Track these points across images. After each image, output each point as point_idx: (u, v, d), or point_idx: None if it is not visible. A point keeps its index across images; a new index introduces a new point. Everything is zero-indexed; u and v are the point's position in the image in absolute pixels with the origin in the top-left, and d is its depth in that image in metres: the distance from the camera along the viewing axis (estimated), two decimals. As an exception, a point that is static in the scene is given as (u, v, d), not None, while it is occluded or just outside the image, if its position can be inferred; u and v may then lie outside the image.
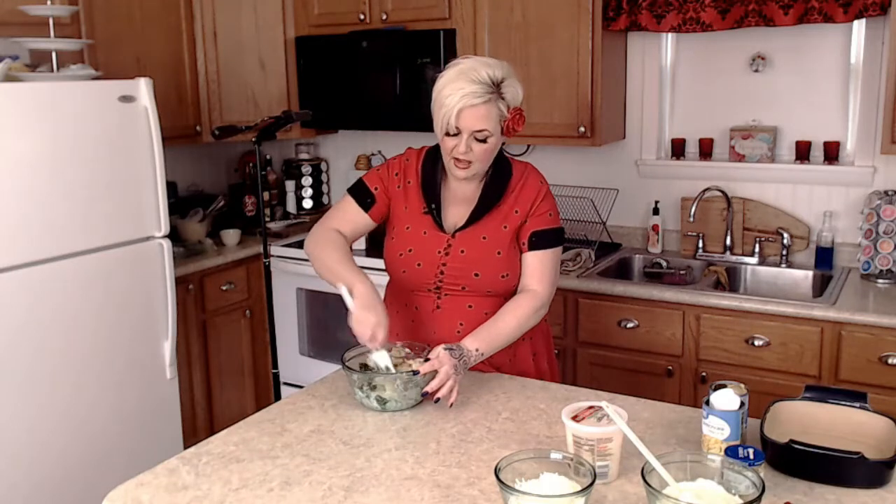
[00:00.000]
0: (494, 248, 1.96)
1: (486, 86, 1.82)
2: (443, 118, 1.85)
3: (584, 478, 1.29)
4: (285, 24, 3.74)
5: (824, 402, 1.58)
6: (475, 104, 1.81)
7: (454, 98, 1.81)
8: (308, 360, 3.69)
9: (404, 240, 2.01)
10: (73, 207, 2.68)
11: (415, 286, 2.01)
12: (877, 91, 2.95)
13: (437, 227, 1.99)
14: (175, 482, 1.47)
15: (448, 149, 1.89)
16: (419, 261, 1.98)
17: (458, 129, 1.84)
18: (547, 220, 1.99)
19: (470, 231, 1.97)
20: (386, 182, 2.06)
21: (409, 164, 2.05)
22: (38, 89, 2.59)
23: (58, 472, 2.68)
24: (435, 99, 1.87)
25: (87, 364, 2.75)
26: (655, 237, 3.36)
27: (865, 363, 2.55)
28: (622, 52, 3.37)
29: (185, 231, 3.63)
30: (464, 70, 1.83)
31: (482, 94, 1.82)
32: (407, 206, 2.03)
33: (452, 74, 1.84)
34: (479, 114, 1.83)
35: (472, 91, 1.81)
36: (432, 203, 1.99)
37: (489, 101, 1.83)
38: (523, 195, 1.98)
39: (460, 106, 1.81)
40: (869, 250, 2.92)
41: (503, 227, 1.97)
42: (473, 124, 1.84)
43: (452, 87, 1.82)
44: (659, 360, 2.88)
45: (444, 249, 1.97)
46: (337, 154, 4.26)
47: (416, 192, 2.02)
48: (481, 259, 1.95)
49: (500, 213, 1.97)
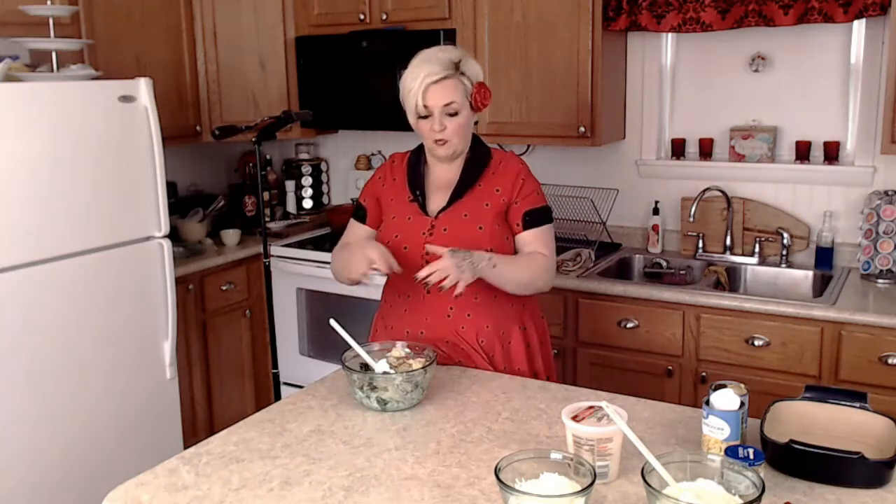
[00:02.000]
0: (476, 224, 2.04)
1: (444, 65, 1.98)
2: (411, 102, 2.00)
3: (584, 478, 1.29)
4: (285, 24, 3.74)
5: (824, 402, 1.58)
6: (437, 79, 1.97)
7: (418, 80, 1.97)
8: (308, 360, 3.69)
9: (391, 227, 2.12)
10: (73, 207, 2.68)
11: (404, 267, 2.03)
12: (877, 91, 2.95)
13: (421, 212, 2.09)
14: (175, 482, 1.48)
15: (425, 132, 2.03)
16: (405, 244, 2.06)
17: (427, 109, 1.99)
18: (535, 198, 2.09)
19: (451, 210, 2.07)
20: (372, 188, 2.20)
21: (394, 165, 2.20)
22: (38, 89, 2.59)
23: (58, 472, 2.68)
24: (402, 90, 2.04)
25: (86, 364, 2.75)
26: (655, 237, 3.36)
27: (865, 363, 2.55)
28: (622, 52, 3.37)
29: (185, 231, 3.63)
30: (421, 59, 2.01)
31: (442, 71, 1.97)
32: (393, 197, 2.14)
33: (412, 65, 2.01)
34: (444, 88, 1.98)
35: (432, 70, 1.97)
36: (416, 191, 2.11)
37: (450, 77, 1.98)
38: (504, 176, 2.08)
39: (425, 84, 1.96)
40: (869, 250, 2.92)
41: (485, 204, 2.06)
42: (441, 99, 1.98)
43: (414, 73, 1.99)
44: (659, 360, 2.88)
45: (428, 231, 2.06)
46: (337, 154, 4.26)
47: (402, 184, 2.15)
48: (463, 233, 2.03)
49: (480, 192, 2.07)
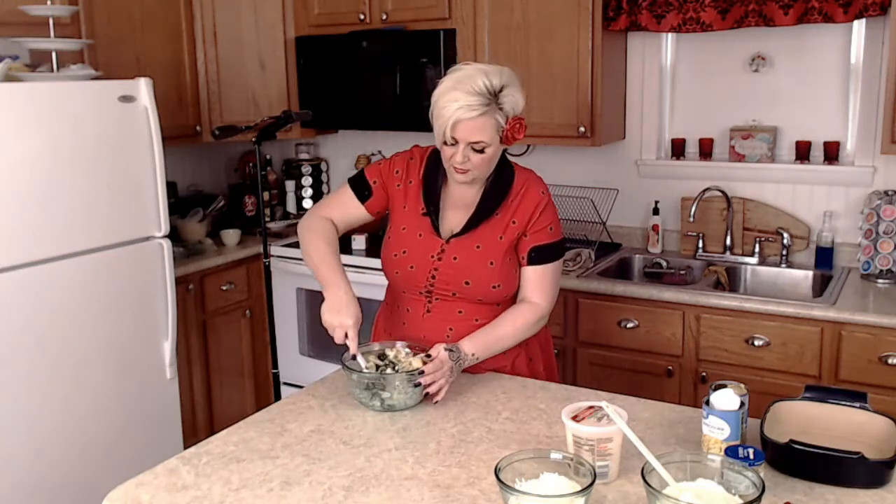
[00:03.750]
0: (487, 259, 1.93)
1: (482, 97, 1.77)
2: (440, 128, 1.83)
3: (584, 478, 1.29)
4: (285, 24, 3.74)
5: (824, 402, 1.58)
6: (471, 117, 1.77)
7: (450, 109, 1.77)
8: (308, 360, 3.69)
9: (400, 240, 2.00)
10: (73, 207, 2.68)
11: (407, 288, 2.01)
12: (877, 91, 2.95)
13: (433, 230, 1.97)
14: (175, 482, 1.47)
15: (447, 157, 1.87)
16: (412, 263, 1.97)
17: (454, 140, 1.82)
18: (547, 234, 1.96)
19: (465, 239, 1.95)
20: (385, 177, 2.04)
21: (412, 163, 2.03)
22: (38, 89, 2.59)
23: (58, 472, 2.68)
24: (433, 107, 1.84)
25: (86, 364, 2.75)
26: (655, 237, 3.36)
27: (865, 363, 2.55)
28: (622, 53, 3.37)
29: (185, 231, 3.63)
30: (460, 79, 1.79)
31: (478, 107, 1.77)
32: (406, 205, 2.01)
33: (449, 83, 1.80)
34: (475, 126, 1.79)
35: (467, 104, 1.76)
36: (431, 206, 1.98)
37: (485, 113, 1.78)
38: (522, 206, 1.95)
39: (455, 118, 1.77)
40: (869, 250, 2.92)
41: (499, 237, 1.94)
42: (469, 136, 1.80)
43: (448, 98, 1.78)
44: (659, 360, 2.88)
45: (437, 255, 1.96)
46: (337, 154, 4.26)
47: (417, 193, 2.00)
48: (473, 268, 1.93)
49: (497, 223, 1.94)
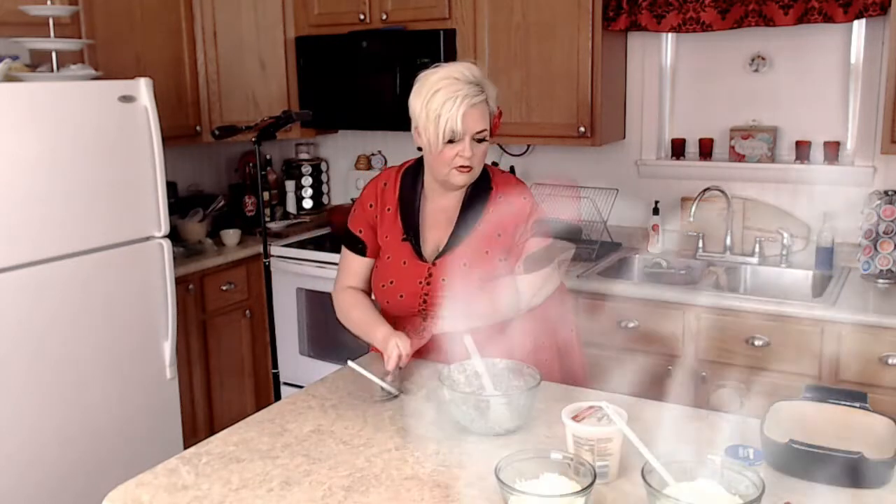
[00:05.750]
0: (476, 276, 1.88)
1: (475, 85, 1.79)
2: (443, 127, 1.77)
3: (584, 478, 1.29)
4: (285, 24, 3.74)
5: (824, 402, 1.58)
6: (475, 103, 1.78)
7: (455, 102, 1.75)
8: (308, 360, 3.69)
9: (385, 270, 1.97)
10: (73, 207, 2.68)
11: (400, 313, 1.98)
12: (877, 91, 2.95)
13: (416, 255, 1.93)
14: (175, 482, 1.47)
15: (449, 158, 1.81)
16: (401, 292, 1.94)
17: (462, 134, 1.78)
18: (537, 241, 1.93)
19: (450, 257, 1.91)
20: (365, 218, 2.01)
21: (386, 189, 1.99)
22: (38, 89, 2.59)
23: (58, 472, 2.68)
24: (424, 114, 1.79)
25: (86, 364, 2.75)
26: (655, 237, 3.36)
27: (865, 363, 2.55)
28: (622, 52, 3.37)
29: (185, 231, 3.63)
30: (449, 74, 1.78)
31: (479, 93, 1.79)
32: (388, 234, 1.98)
33: (435, 83, 1.78)
34: (480, 113, 1.80)
35: (470, 91, 1.77)
36: (410, 231, 1.94)
37: (484, 101, 1.81)
38: (507, 216, 1.90)
39: (465, 108, 1.76)
40: (869, 250, 2.92)
41: (485, 251, 1.90)
42: (475, 125, 1.79)
43: (447, 93, 1.76)
44: (659, 360, 2.87)
45: (425, 279, 1.92)
46: (337, 154, 4.26)
47: (394, 219, 1.97)
48: (463, 286, 1.87)
49: (481, 236, 1.90)
